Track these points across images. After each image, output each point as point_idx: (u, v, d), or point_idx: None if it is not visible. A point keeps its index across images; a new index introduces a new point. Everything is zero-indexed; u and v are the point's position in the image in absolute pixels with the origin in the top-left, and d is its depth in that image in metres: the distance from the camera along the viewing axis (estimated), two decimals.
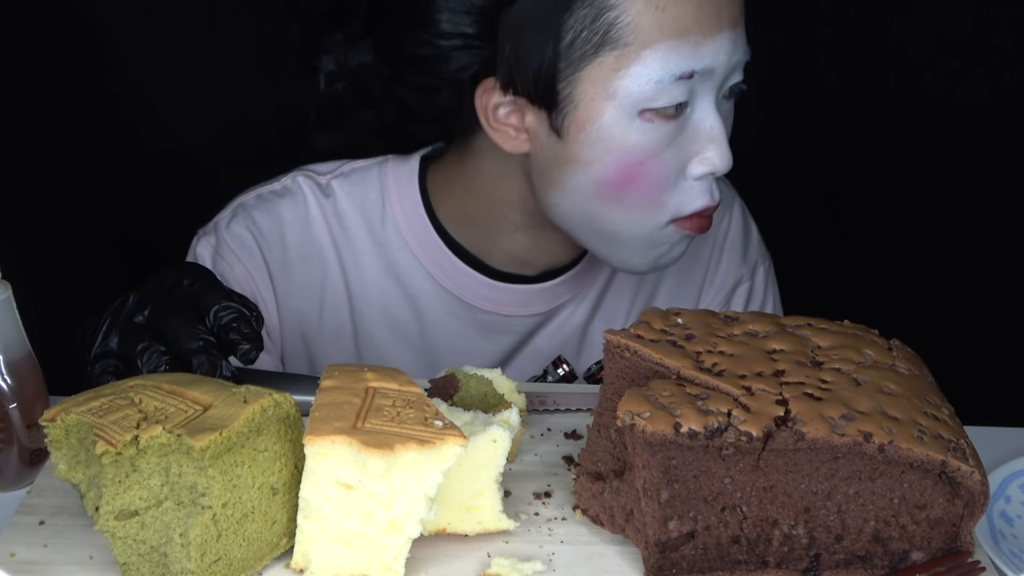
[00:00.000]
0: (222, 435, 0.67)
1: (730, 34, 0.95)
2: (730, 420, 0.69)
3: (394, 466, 0.68)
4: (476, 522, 0.76)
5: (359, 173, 1.14)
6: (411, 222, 1.12)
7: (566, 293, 1.15)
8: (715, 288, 1.20)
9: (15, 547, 0.73)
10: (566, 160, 0.98)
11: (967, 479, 0.71)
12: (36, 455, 0.87)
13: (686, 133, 0.97)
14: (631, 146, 0.96)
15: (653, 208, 0.99)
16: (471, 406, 0.82)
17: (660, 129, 0.95)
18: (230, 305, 0.81)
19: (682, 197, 0.99)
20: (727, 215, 1.20)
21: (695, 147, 0.97)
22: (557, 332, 1.16)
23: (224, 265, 1.11)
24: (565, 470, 0.85)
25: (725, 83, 0.97)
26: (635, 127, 0.95)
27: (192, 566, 0.69)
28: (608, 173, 0.97)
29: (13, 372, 0.85)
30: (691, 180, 0.98)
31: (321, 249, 1.13)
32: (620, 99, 0.94)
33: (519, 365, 1.16)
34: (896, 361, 0.78)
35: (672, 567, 0.73)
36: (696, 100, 0.96)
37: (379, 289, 1.13)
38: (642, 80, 0.93)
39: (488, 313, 1.13)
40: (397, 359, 1.14)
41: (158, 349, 0.80)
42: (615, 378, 0.78)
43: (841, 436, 0.69)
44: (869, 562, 0.75)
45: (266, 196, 1.13)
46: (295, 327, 1.14)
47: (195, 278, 0.83)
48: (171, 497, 0.69)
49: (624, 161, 0.96)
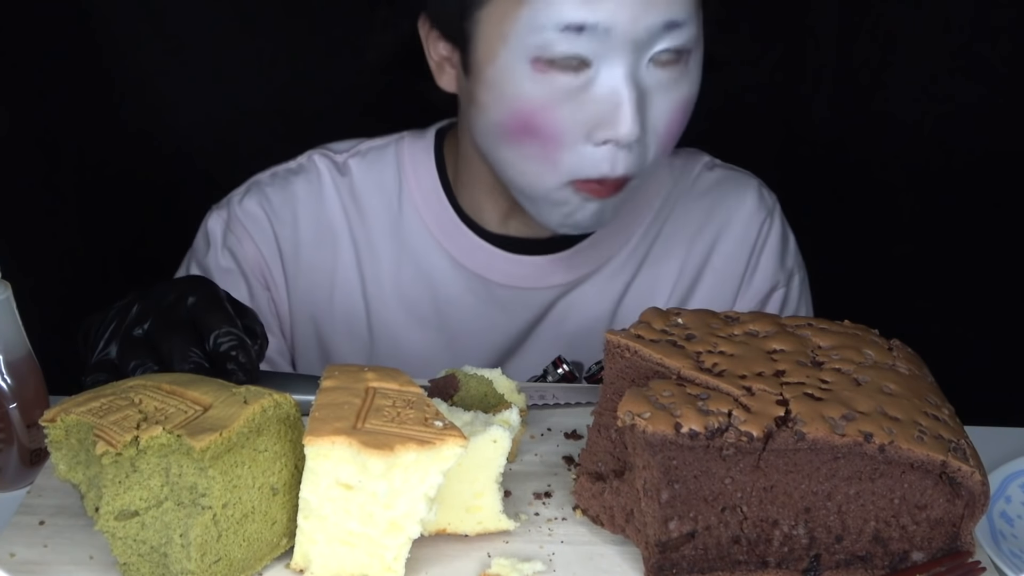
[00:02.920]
0: (222, 435, 0.67)
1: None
2: (730, 420, 0.69)
3: (394, 466, 0.68)
4: (476, 522, 0.76)
5: (376, 151, 1.14)
6: (427, 197, 1.12)
7: (584, 265, 1.12)
8: (752, 292, 1.18)
9: (15, 547, 0.73)
10: (472, 101, 0.99)
11: (967, 479, 0.71)
12: (36, 455, 0.87)
13: (590, 94, 0.93)
14: (523, 95, 0.93)
15: (548, 164, 0.96)
16: (471, 406, 0.82)
17: (555, 82, 0.93)
18: (231, 332, 0.80)
19: (581, 160, 0.95)
20: (768, 219, 1.18)
21: (599, 111, 0.93)
22: (579, 310, 1.14)
23: (234, 240, 1.11)
24: (565, 470, 0.85)
25: (645, 48, 0.92)
26: (527, 76, 0.93)
27: (192, 566, 0.69)
28: (503, 119, 0.96)
29: (13, 372, 0.85)
30: (592, 144, 0.95)
31: (334, 228, 1.13)
32: (511, 44, 0.92)
33: (538, 345, 1.14)
34: (896, 361, 0.78)
35: (672, 567, 0.73)
36: (601, 61, 0.92)
37: (393, 269, 1.13)
38: (529, 26, 0.91)
39: (504, 287, 1.11)
40: (410, 339, 1.13)
41: (151, 368, 0.79)
42: (615, 378, 0.78)
43: (841, 436, 0.69)
44: (869, 562, 0.75)
45: (281, 174, 1.14)
46: (305, 306, 1.14)
47: (200, 296, 0.83)
48: (171, 497, 0.69)
49: (516, 109, 0.94)
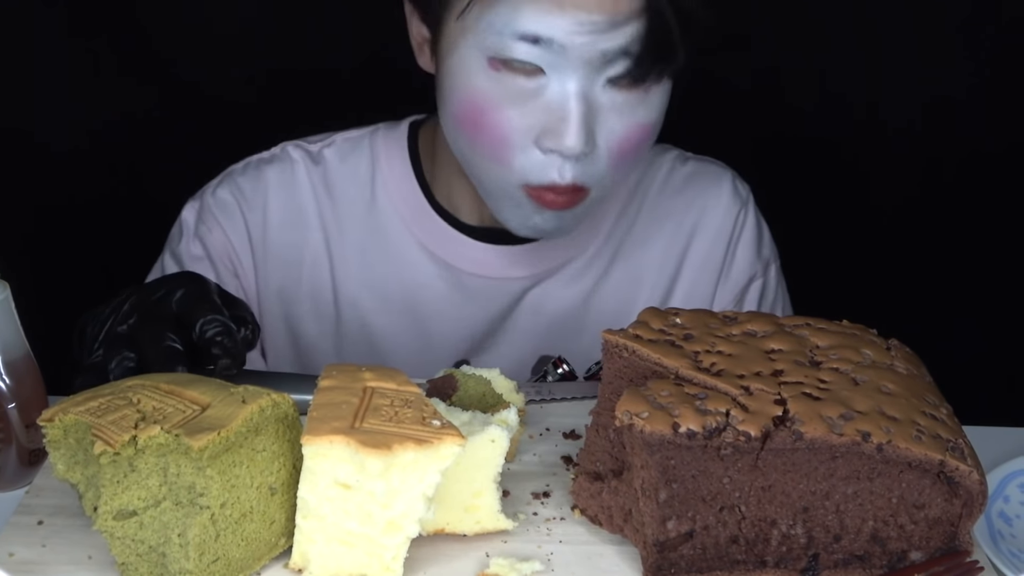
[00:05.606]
0: (220, 435, 0.67)
1: (599, 18, 0.90)
2: (728, 420, 0.69)
3: (392, 466, 0.68)
4: (475, 522, 0.76)
5: (350, 142, 1.16)
6: (400, 185, 1.13)
7: (553, 257, 1.13)
8: (730, 283, 1.19)
9: (14, 547, 0.73)
10: (438, 85, 1.00)
11: (965, 479, 0.71)
12: (35, 455, 0.87)
13: (542, 101, 0.94)
14: (476, 89, 0.95)
15: (501, 164, 0.97)
16: (469, 406, 0.82)
17: (508, 83, 0.94)
18: (216, 319, 0.81)
19: (530, 164, 0.96)
20: (743, 211, 1.19)
21: (547, 119, 0.94)
22: (551, 304, 1.14)
23: (204, 229, 1.13)
24: (564, 470, 0.85)
25: (600, 70, 0.93)
26: (483, 72, 0.94)
27: (190, 566, 0.69)
28: (458, 111, 0.98)
29: (12, 372, 0.85)
30: (540, 151, 0.96)
31: (304, 214, 1.14)
32: (470, 39, 0.94)
33: (511, 337, 1.15)
34: (894, 361, 0.78)
35: (670, 567, 0.73)
36: (554, 72, 0.93)
37: (363, 255, 1.14)
38: (489, 27, 0.92)
39: (473, 276, 1.13)
40: (378, 322, 1.15)
41: (127, 357, 0.79)
42: (613, 378, 0.78)
43: (839, 436, 0.69)
44: (867, 562, 0.75)
45: (254, 163, 1.16)
46: (273, 288, 1.15)
47: (187, 290, 0.83)
48: (169, 497, 0.69)
49: (469, 102, 0.96)
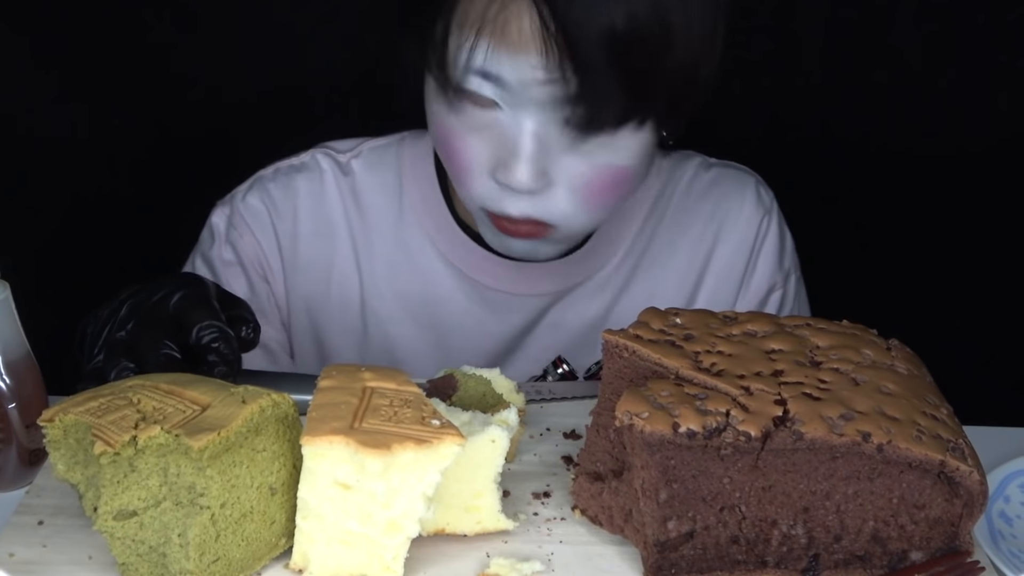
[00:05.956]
0: (220, 435, 0.67)
1: (544, 62, 0.88)
2: (728, 420, 0.69)
3: (392, 466, 0.68)
4: (475, 522, 0.76)
5: (377, 152, 1.16)
6: (425, 198, 1.13)
7: (577, 274, 1.14)
8: (751, 293, 1.18)
9: (14, 547, 0.73)
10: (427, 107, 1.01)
11: (966, 479, 0.71)
12: (35, 455, 0.87)
13: (495, 133, 0.94)
14: (441, 117, 0.97)
15: (466, 191, 0.99)
16: (470, 406, 0.82)
17: (468, 114, 0.94)
18: (213, 324, 0.80)
19: (488, 193, 0.97)
20: (767, 219, 1.18)
21: (501, 153, 0.95)
22: (573, 318, 1.15)
23: (235, 235, 1.14)
24: (564, 470, 0.85)
25: (555, 111, 0.91)
26: (445, 99, 0.95)
27: (191, 566, 0.69)
28: (433, 134, 1.00)
29: (12, 372, 0.85)
30: (495, 182, 0.96)
31: (333, 224, 1.15)
32: (435, 67, 0.95)
33: (533, 352, 1.15)
34: (895, 361, 0.78)
35: (671, 567, 0.73)
36: (508, 108, 0.92)
37: (389, 267, 1.14)
38: (451, 57, 0.92)
39: (496, 291, 1.13)
40: (403, 335, 1.15)
41: (127, 366, 0.79)
42: (614, 378, 0.78)
43: (840, 436, 0.69)
44: (868, 562, 0.75)
45: (284, 170, 1.16)
46: (302, 298, 1.16)
47: (185, 293, 0.83)
48: (169, 497, 0.69)
49: (437, 129, 0.98)
